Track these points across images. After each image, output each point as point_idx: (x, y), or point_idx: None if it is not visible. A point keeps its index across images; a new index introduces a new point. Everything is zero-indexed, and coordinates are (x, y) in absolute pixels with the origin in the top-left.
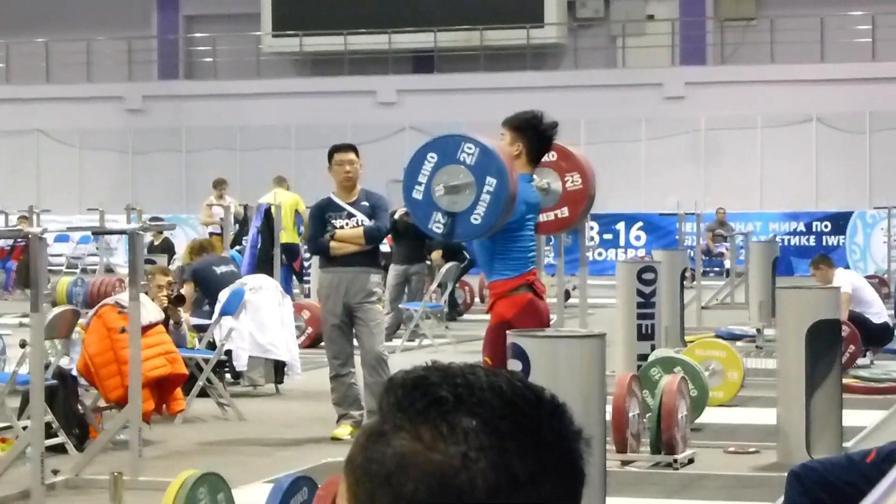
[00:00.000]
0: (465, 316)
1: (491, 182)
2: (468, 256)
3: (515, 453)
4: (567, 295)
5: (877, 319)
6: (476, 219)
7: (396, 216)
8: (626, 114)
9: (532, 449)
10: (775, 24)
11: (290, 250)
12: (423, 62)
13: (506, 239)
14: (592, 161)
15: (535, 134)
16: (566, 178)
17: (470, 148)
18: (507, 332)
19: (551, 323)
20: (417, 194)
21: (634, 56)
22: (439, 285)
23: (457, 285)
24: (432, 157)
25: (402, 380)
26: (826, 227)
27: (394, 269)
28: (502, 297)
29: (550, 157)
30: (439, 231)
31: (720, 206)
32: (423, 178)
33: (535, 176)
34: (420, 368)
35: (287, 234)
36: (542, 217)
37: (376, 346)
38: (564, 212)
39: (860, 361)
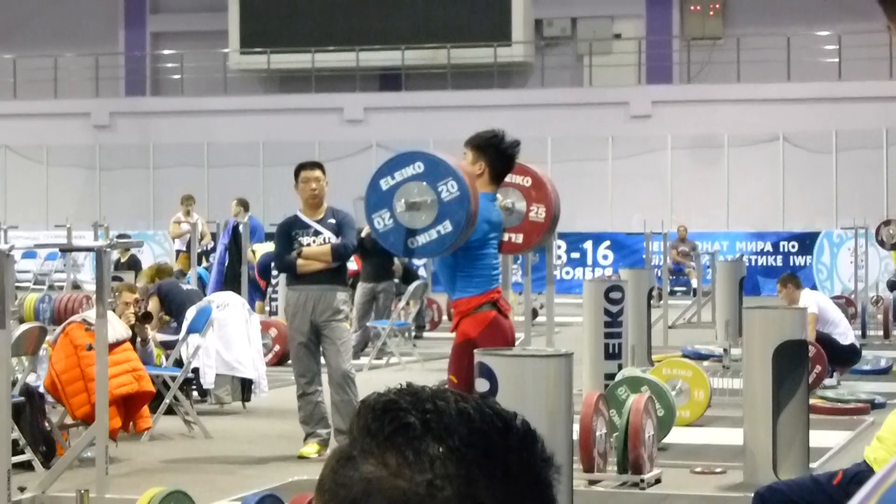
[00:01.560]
0: (433, 334)
1: (447, 185)
2: (419, 277)
3: (482, 482)
4: (534, 313)
5: (843, 340)
6: (446, 227)
7: (363, 234)
8: (593, 132)
9: (500, 478)
10: (742, 43)
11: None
12: (390, 80)
13: (469, 257)
14: (558, 180)
15: (496, 153)
16: (532, 208)
17: (418, 164)
18: (475, 351)
19: (518, 342)
20: (382, 223)
21: (601, 75)
22: (407, 303)
23: (424, 303)
24: (386, 183)
25: (373, 403)
26: (793, 246)
27: (361, 287)
28: (466, 315)
29: (524, 181)
30: (415, 251)
31: (681, 224)
32: (383, 206)
33: (498, 195)
34: (392, 392)
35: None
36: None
37: (343, 364)
38: (519, 238)
39: (827, 382)
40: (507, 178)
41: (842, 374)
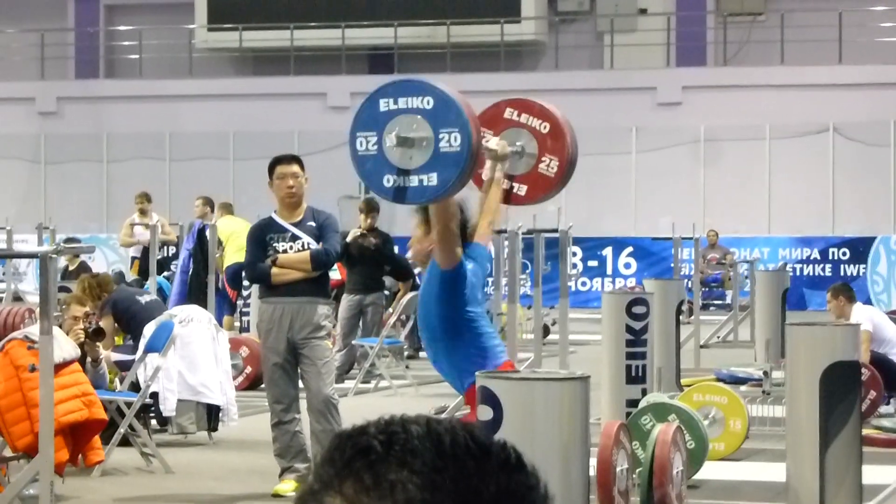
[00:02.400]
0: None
1: (449, 135)
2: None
3: None
4: (546, 330)
5: None
6: (431, 179)
7: (349, 238)
8: (615, 122)
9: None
10: (786, 20)
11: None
12: (380, 61)
13: (462, 334)
14: (574, 175)
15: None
16: (543, 158)
17: (427, 99)
18: (480, 374)
19: (527, 362)
20: (365, 146)
21: (624, 56)
22: (399, 318)
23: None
24: (386, 104)
25: (342, 432)
26: (844, 254)
27: (346, 300)
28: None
29: (542, 126)
30: (389, 191)
31: (711, 229)
32: (373, 128)
33: (495, 140)
34: (372, 421)
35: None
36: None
37: (325, 388)
38: (522, 190)
39: (883, 409)
40: (523, 119)
41: None
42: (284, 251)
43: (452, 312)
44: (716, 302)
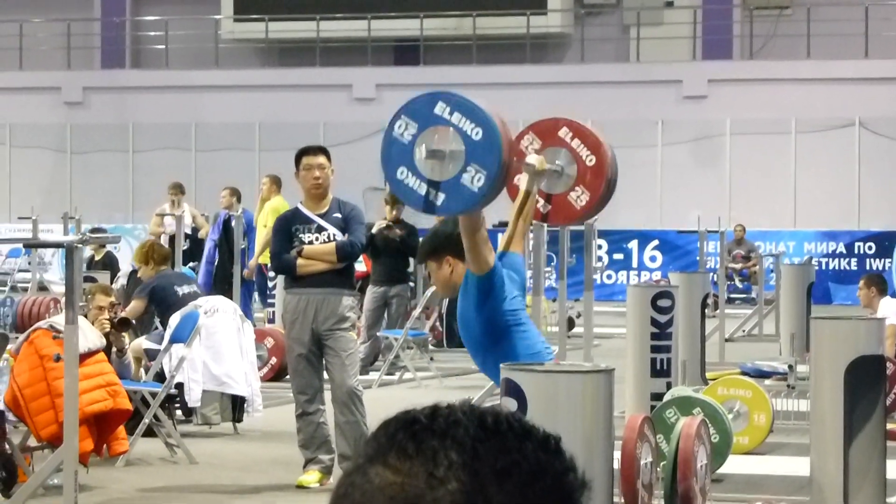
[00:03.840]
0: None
1: (475, 173)
2: None
3: (492, 479)
4: (570, 323)
5: None
6: (473, 180)
7: (374, 230)
8: (640, 115)
9: (512, 477)
10: (812, 14)
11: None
12: (406, 52)
13: (507, 338)
14: None
15: (457, 240)
16: (576, 189)
17: (478, 130)
18: (504, 366)
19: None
20: (402, 130)
21: (650, 49)
22: (424, 309)
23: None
24: (441, 109)
25: (387, 417)
26: (870, 248)
27: (371, 292)
28: None
29: (588, 159)
30: (435, 205)
31: (738, 223)
32: (417, 120)
33: (535, 156)
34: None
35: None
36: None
37: (349, 379)
38: (545, 209)
39: None
40: (574, 144)
41: None
42: (310, 242)
43: (493, 317)
44: (741, 295)
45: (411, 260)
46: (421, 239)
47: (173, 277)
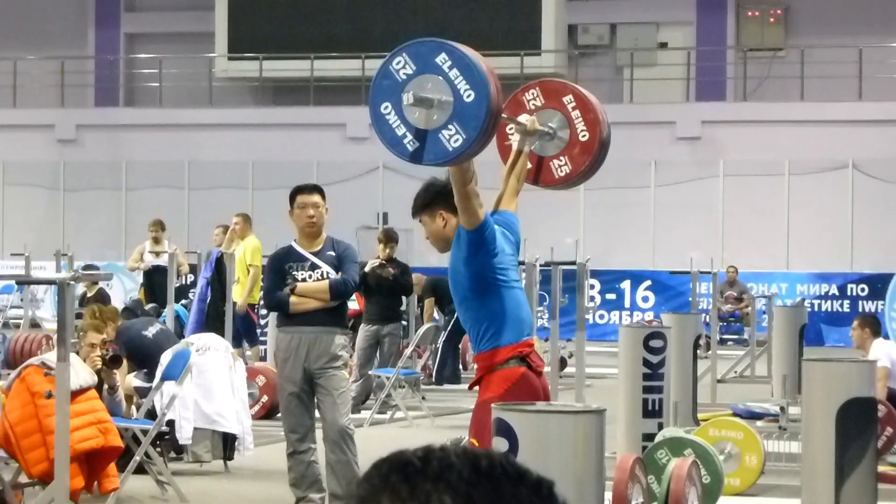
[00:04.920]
0: (446, 385)
1: (468, 95)
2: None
3: None
4: (563, 363)
5: None
6: (450, 139)
7: (367, 268)
8: (633, 156)
9: None
10: (806, 56)
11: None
12: None
13: (492, 294)
14: (592, 209)
15: (448, 193)
16: (561, 158)
17: (448, 61)
18: (495, 406)
19: None
20: (387, 101)
21: (643, 90)
22: (416, 348)
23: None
24: (407, 65)
25: (383, 456)
26: (862, 290)
27: (364, 330)
28: (490, 371)
29: (582, 134)
30: (408, 150)
31: (731, 265)
32: (394, 85)
33: (526, 116)
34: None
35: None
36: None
37: (340, 418)
38: (565, 169)
39: None
40: (574, 115)
41: None
42: (303, 280)
43: (482, 271)
44: (733, 337)
45: (404, 299)
46: (414, 275)
47: (136, 324)
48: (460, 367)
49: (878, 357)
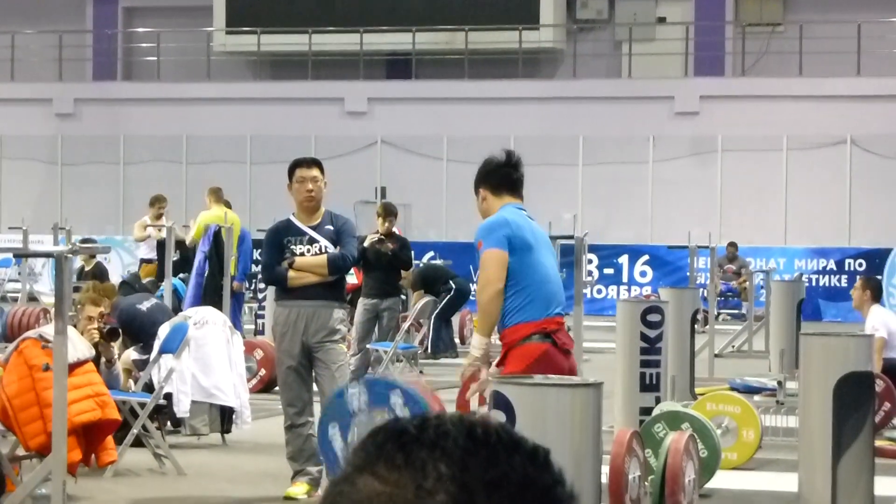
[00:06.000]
0: (443, 360)
1: None
2: (453, 287)
3: (481, 491)
4: None
5: None
6: None
7: (367, 243)
8: (632, 131)
9: (502, 489)
10: (805, 32)
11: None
12: (398, 66)
13: (513, 280)
14: (591, 184)
15: (486, 174)
16: None
17: (398, 398)
18: (494, 379)
19: None
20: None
21: (642, 65)
22: (414, 323)
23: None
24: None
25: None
26: (860, 265)
27: (363, 304)
28: (514, 346)
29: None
30: (330, 464)
31: (731, 240)
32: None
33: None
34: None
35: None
36: None
37: None
38: None
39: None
40: None
41: None
42: (302, 254)
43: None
44: (731, 311)
45: (403, 273)
46: (412, 253)
47: (132, 298)
48: (456, 339)
49: (874, 325)
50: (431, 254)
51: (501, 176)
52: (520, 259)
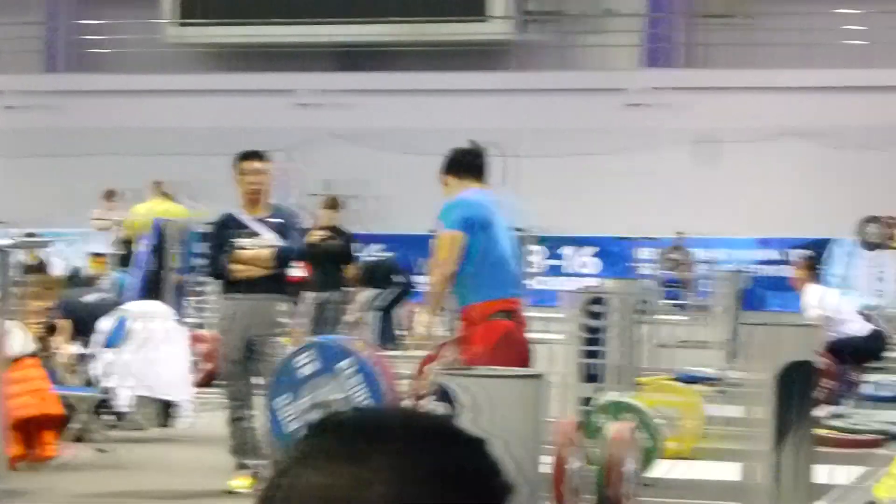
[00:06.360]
0: (386, 353)
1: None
2: (404, 280)
3: (420, 482)
4: None
5: (861, 333)
6: None
7: (313, 240)
8: (582, 123)
9: (439, 480)
10: (756, 23)
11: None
12: (349, 58)
13: (473, 262)
14: (539, 175)
15: (452, 161)
16: None
17: (349, 366)
18: (436, 371)
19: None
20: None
21: (593, 56)
22: (358, 316)
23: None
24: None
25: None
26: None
27: (309, 297)
28: (476, 323)
29: None
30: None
31: (678, 231)
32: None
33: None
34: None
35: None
36: None
37: None
38: None
39: (841, 410)
40: None
41: (862, 375)
42: (246, 247)
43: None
44: (675, 302)
45: (347, 266)
46: (349, 267)
47: (75, 292)
48: (395, 331)
49: (810, 303)
50: (380, 246)
51: (465, 163)
52: (482, 239)
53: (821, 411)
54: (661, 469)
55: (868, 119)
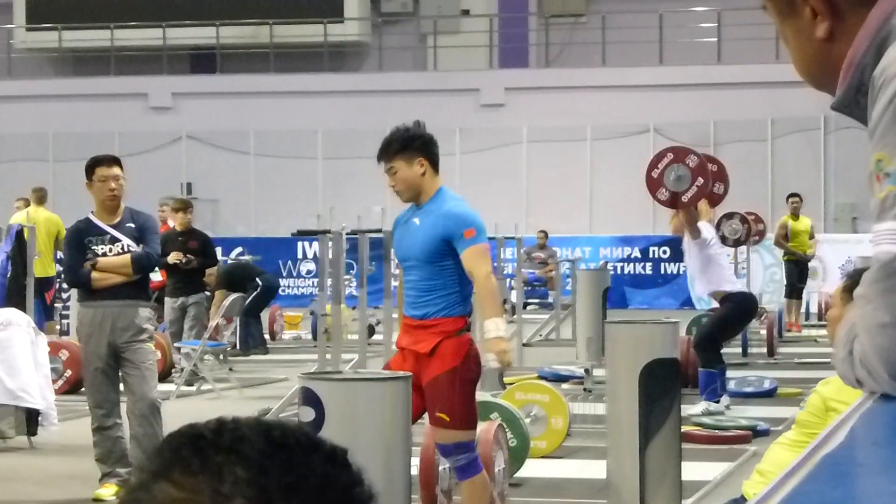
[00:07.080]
0: (253, 357)
1: None
2: (260, 284)
3: (279, 494)
4: (371, 331)
5: (736, 287)
6: None
7: (170, 260)
8: (438, 123)
9: (301, 492)
10: (607, 22)
11: (44, 283)
12: (202, 61)
13: (459, 270)
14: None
15: (431, 144)
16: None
17: None
18: (302, 375)
19: (350, 363)
20: None
21: (447, 57)
22: (221, 320)
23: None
24: None
25: (174, 430)
26: (664, 252)
27: (170, 303)
28: (449, 337)
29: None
30: None
31: (541, 230)
32: None
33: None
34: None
35: (42, 264)
36: None
37: (149, 392)
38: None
39: (712, 407)
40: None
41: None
42: (104, 254)
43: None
44: (538, 300)
45: (207, 270)
46: (208, 270)
47: None
48: (265, 335)
49: (704, 231)
50: (240, 249)
51: (437, 154)
52: (454, 259)
53: (695, 408)
54: (529, 468)
55: (723, 115)
